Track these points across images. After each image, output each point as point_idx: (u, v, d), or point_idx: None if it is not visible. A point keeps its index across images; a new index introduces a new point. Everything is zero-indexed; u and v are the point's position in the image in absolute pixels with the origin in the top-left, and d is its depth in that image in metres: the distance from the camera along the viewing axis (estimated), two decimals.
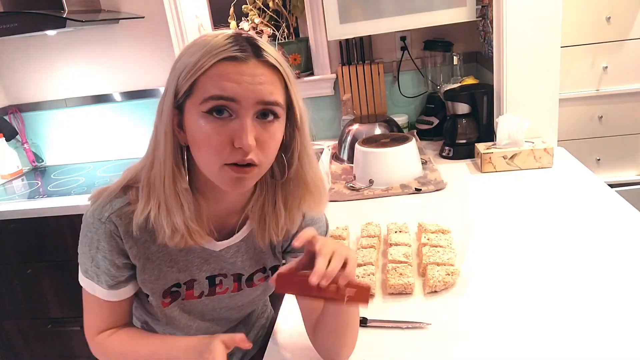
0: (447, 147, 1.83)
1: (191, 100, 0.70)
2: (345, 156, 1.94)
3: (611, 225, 1.19)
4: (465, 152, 1.78)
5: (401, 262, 1.07)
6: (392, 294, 1.03)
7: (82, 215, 0.82)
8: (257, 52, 0.70)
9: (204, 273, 0.87)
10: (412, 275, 1.03)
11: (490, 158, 1.61)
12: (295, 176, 0.81)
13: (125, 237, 0.79)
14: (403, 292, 1.01)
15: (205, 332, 0.94)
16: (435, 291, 1.01)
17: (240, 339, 0.77)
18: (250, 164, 0.70)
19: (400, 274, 1.02)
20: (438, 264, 1.04)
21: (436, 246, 1.11)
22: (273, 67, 0.71)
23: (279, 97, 0.71)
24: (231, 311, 0.96)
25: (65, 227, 1.92)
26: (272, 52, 0.71)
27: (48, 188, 2.13)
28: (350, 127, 1.97)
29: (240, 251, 0.88)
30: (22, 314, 2.13)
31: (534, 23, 1.55)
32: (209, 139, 0.69)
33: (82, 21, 1.91)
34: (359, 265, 1.08)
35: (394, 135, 1.76)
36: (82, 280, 0.85)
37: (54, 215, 1.90)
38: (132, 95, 2.33)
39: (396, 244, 1.15)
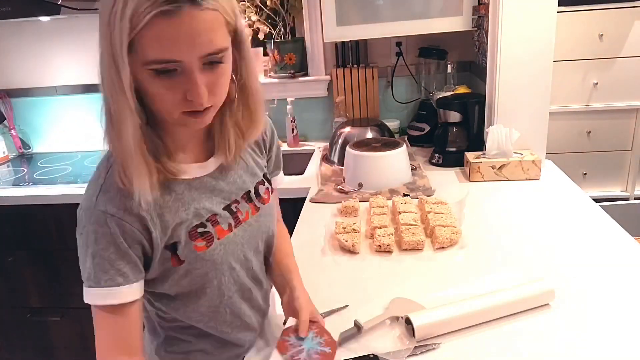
0: (437, 154, 1.84)
1: (134, 58, 0.65)
2: (335, 158, 1.95)
3: (593, 240, 1.21)
4: (454, 160, 1.79)
5: (412, 224, 1.27)
6: (405, 249, 1.22)
7: (68, 205, 0.80)
8: None
9: (219, 206, 0.85)
10: (422, 234, 1.23)
11: (478, 167, 1.63)
12: (244, 86, 0.81)
13: (132, 213, 0.74)
14: (415, 247, 1.21)
15: (242, 285, 0.92)
16: (443, 247, 1.20)
17: None
18: (206, 108, 0.72)
19: (413, 233, 1.23)
20: (444, 226, 1.25)
21: (439, 213, 1.32)
22: (208, 8, 0.65)
23: (222, 41, 0.69)
24: (260, 240, 0.95)
25: (50, 216, 1.89)
26: None
27: (34, 176, 2.10)
28: (342, 130, 1.97)
29: (235, 168, 0.88)
30: (1, 302, 2.10)
31: (528, 36, 1.57)
32: (162, 96, 0.69)
33: (77, 9, 1.89)
34: (378, 227, 1.27)
35: (385, 140, 1.76)
36: (96, 295, 0.73)
37: (38, 203, 1.87)
38: None
39: (404, 212, 1.33)
